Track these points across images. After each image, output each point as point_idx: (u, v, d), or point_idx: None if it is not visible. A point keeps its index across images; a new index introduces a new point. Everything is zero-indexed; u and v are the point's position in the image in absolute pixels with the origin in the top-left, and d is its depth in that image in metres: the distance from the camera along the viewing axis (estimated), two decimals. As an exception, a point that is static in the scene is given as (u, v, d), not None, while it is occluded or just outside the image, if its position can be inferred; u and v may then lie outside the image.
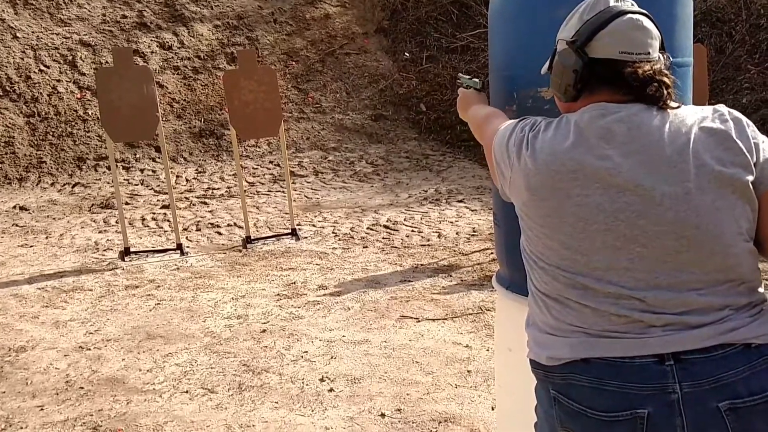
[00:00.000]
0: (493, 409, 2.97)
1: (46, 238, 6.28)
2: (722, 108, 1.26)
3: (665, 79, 1.25)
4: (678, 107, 1.26)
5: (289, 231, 6.00)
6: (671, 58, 1.30)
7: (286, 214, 6.41)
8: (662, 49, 1.30)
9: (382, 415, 3.02)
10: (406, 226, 6.16)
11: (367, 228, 6.17)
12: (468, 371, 3.41)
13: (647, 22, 1.27)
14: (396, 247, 5.59)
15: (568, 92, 1.31)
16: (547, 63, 1.39)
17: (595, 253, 1.22)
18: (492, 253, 5.15)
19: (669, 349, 1.18)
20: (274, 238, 5.95)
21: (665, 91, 1.24)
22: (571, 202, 1.22)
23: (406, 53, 9.80)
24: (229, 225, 6.47)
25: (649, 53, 1.26)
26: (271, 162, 8.35)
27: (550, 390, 1.26)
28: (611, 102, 1.26)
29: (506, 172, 1.33)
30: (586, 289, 1.23)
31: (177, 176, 7.94)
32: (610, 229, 1.20)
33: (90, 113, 8.47)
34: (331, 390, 3.27)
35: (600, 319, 1.22)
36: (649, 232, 1.19)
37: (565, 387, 1.23)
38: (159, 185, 7.67)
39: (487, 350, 3.60)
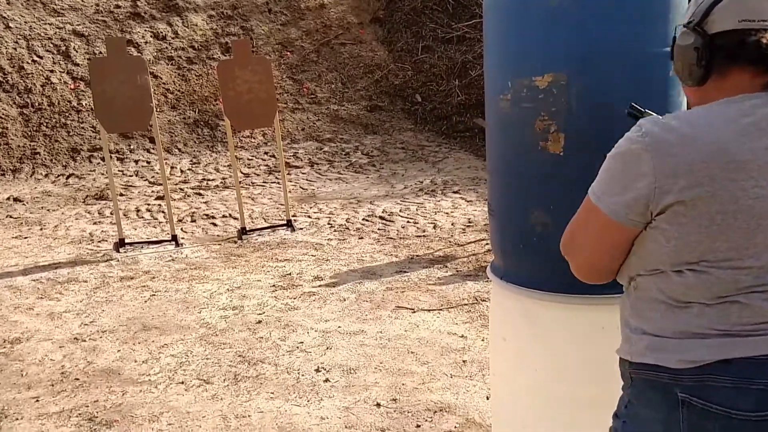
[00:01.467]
0: (487, 398, 2.98)
1: (41, 229, 6.26)
2: None
3: None
4: None
5: (285, 222, 5.99)
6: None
7: (282, 205, 6.40)
8: None
9: (378, 405, 3.02)
10: (402, 217, 6.15)
11: (363, 219, 6.16)
12: (463, 361, 3.41)
13: None
14: (391, 238, 5.59)
15: (693, 73, 1.24)
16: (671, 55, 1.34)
17: (764, 250, 1.17)
18: (487, 243, 5.15)
19: None
20: (269, 230, 5.94)
21: None
22: (746, 196, 1.15)
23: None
24: (224, 216, 6.46)
25: None
26: (266, 153, 8.32)
27: (678, 393, 1.21)
28: (747, 87, 1.20)
29: (645, 179, 1.20)
30: (745, 289, 1.18)
31: (171, 167, 7.91)
32: None
33: (84, 104, 8.42)
34: (326, 380, 3.27)
35: (748, 317, 1.18)
36: None
37: (699, 389, 1.19)
38: (153, 176, 7.65)
39: (482, 340, 3.61)
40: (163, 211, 6.51)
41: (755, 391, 1.15)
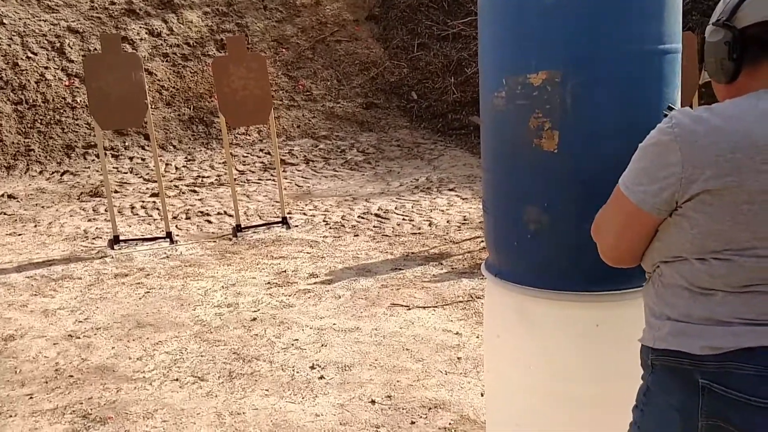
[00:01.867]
0: (482, 395, 2.99)
1: (35, 226, 6.24)
2: None
3: None
4: None
5: (280, 219, 5.99)
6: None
7: (277, 202, 6.39)
8: None
9: (373, 402, 3.03)
10: (397, 214, 6.15)
11: (358, 216, 6.16)
12: (458, 358, 3.42)
13: None
14: (387, 236, 5.59)
15: (725, 67, 1.27)
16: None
17: None
18: (482, 241, 5.16)
19: None
20: (264, 227, 5.93)
21: None
22: None
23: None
24: (219, 213, 6.45)
25: None
26: (261, 150, 8.31)
27: (699, 380, 1.23)
28: None
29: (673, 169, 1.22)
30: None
31: (166, 164, 7.89)
32: None
33: (78, 101, 8.39)
34: (321, 377, 3.27)
35: None
36: None
37: (721, 376, 1.21)
38: (148, 173, 7.63)
39: (477, 337, 3.61)
40: (157, 208, 6.50)
41: None
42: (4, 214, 6.63)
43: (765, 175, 1.16)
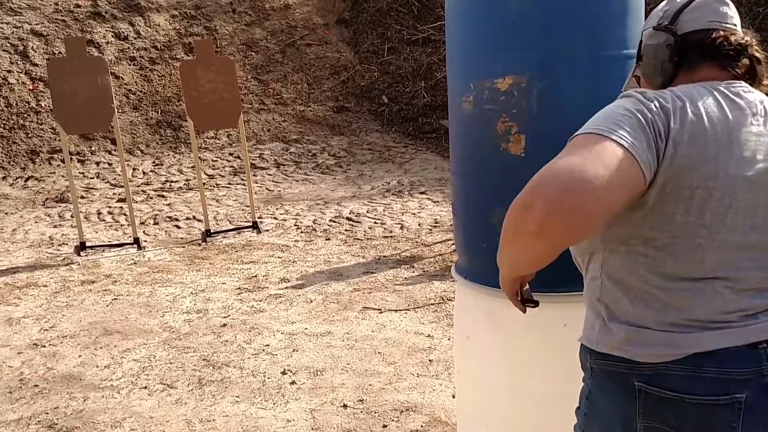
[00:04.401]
0: (453, 397, 3.00)
1: (-2, 233, 6.10)
2: None
3: (757, 54, 1.27)
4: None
5: (250, 224, 5.94)
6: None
7: (247, 206, 6.35)
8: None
9: (345, 406, 3.02)
10: (369, 218, 6.16)
11: (330, 220, 6.15)
12: (430, 360, 3.43)
13: (729, 1, 1.30)
14: (359, 239, 5.59)
15: (665, 69, 1.30)
16: (635, 59, 1.39)
17: (733, 230, 1.19)
18: (453, 243, 5.19)
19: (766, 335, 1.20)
20: (234, 231, 5.89)
21: (758, 67, 1.26)
22: (726, 174, 1.18)
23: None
24: (187, 218, 6.38)
25: (736, 26, 1.29)
26: (231, 154, 8.24)
27: (635, 382, 1.23)
28: (716, 79, 1.25)
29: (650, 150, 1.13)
30: (711, 271, 1.20)
31: (134, 169, 7.78)
32: (754, 207, 1.19)
33: (43, 105, 8.23)
34: (293, 383, 3.26)
35: (713, 306, 1.21)
36: None
37: (655, 378, 1.22)
38: (115, 178, 7.51)
39: (449, 339, 3.63)
40: (125, 214, 6.40)
41: (707, 379, 1.20)
42: (-34, 220, 6.47)
43: (718, 162, 1.17)
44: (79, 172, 7.62)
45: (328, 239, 5.63)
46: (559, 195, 1.06)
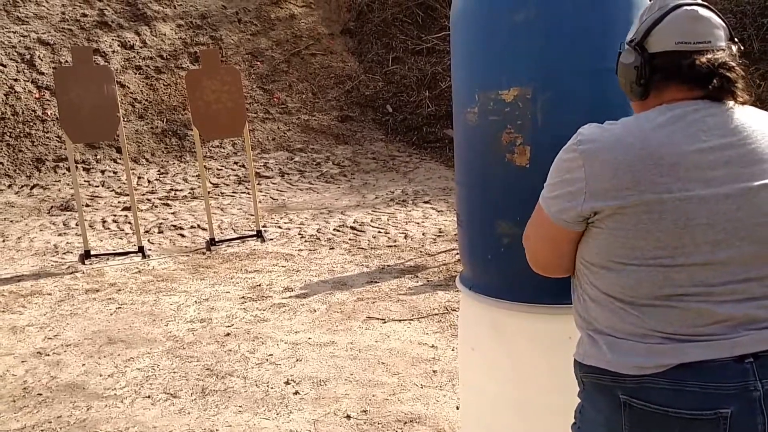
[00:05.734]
0: (457, 408, 2.99)
1: (3, 241, 6.11)
2: None
3: (728, 74, 1.23)
4: (745, 102, 1.26)
5: (255, 233, 5.95)
6: (734, 49, 1.28)
7: (252, 215, 6.36)
8: (731, 39, 1.28)
9: (348, 417, 3.01)
10: (373, 227, 6.16)
11: (334, 229, 6.15)
12: (434, 371, 3.42)
13: (705, 12, 1.27)
14: (362, 249, 5.58)
15: (634, 90, 1.31)
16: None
17: (695, 249, 1.19)
18: (458, 253, 5.18)
19: (754, 348, 1.19)
20: (238, 240, 5.89)
21: (730, 86, 1.24)
22: (672, 197, 1.19)
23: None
24: (192, 227, 6.39)
25: (710, 42, 1.25)
26: (236, 163, 8.26)
27: (620, 395, 1.24)
28: (682, 100, 1.26)
29: (576, 184, 1.26)
30: (680, 288, 1.21)
31: (139, 177, 7.80)
32: (711, 224, 1.19)
33: (49, 113, 8.27)
34: (296, 393, 3.25)
35: (689, 320, 1.21)
36: (748, 224, 1.19)
37: (639, 391, 1.22)
38: (120, 187, 7.53)
39: (453, 350, 3.62)
40: (129, 222, 6.41)
41: (690, 393, 1.19)
42: (-29, 228, 6.49)
43: (662, 186, 1.19)
44: (85, 181, 7.65)
45: (332, 248, 5.62)
46: (529, 260, 1.44)
